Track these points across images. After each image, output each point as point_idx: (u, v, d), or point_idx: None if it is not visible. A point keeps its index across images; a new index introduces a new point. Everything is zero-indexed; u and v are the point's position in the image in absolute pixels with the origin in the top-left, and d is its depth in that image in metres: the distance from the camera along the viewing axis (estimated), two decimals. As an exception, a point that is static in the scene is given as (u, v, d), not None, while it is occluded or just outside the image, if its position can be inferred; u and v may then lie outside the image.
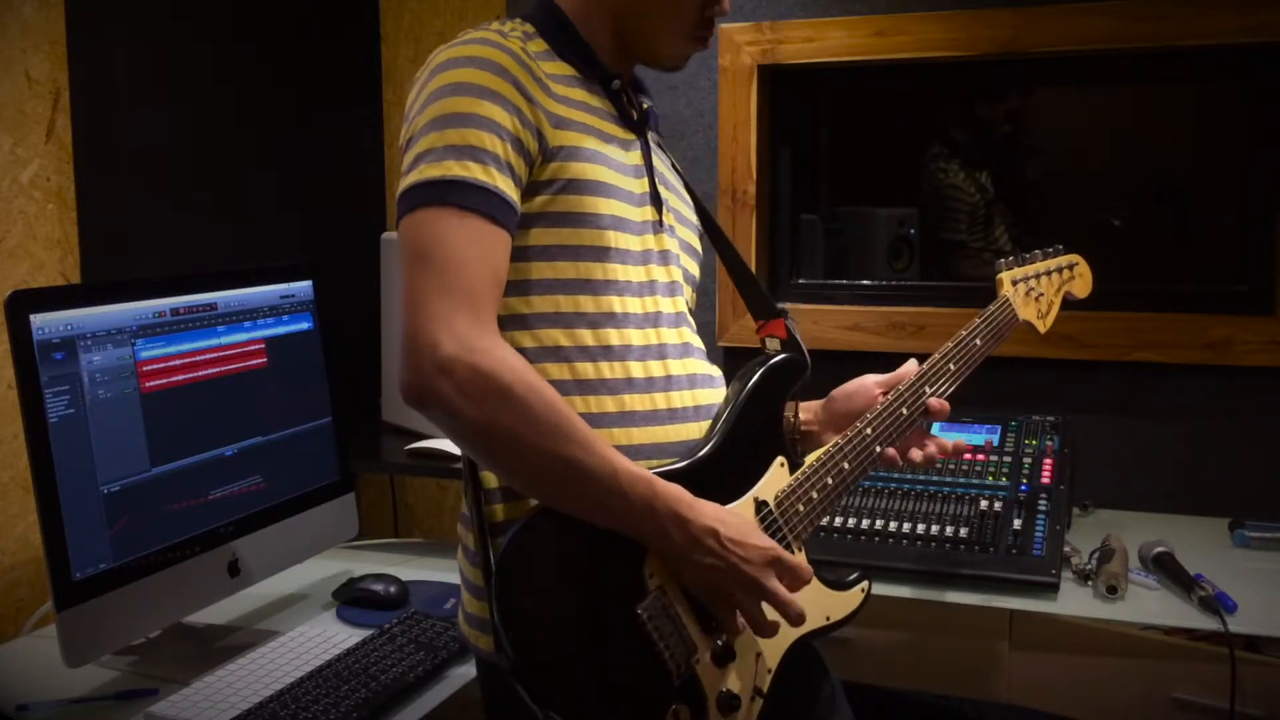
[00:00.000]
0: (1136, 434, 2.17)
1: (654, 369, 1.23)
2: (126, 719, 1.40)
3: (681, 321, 1.30)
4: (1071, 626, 1.64)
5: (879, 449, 1.33)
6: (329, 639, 1.59)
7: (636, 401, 1.21)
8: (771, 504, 1.25)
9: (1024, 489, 1.85)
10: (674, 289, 1.29)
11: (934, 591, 1.70)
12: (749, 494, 1.24)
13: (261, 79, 2.30)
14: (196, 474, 1.57)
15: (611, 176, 1.22)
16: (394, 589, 1.76)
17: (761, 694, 1.20)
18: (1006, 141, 2.56)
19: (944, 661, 1.73)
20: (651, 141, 1.33)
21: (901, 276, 2.57)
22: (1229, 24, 2.02)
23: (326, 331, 1.82)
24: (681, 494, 1.12)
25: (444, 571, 1.91)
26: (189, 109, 2.11)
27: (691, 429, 1.24)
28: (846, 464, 1.31)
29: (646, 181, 1.29)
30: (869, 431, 1.33)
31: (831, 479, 1.29)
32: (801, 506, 1.26)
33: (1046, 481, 1.87)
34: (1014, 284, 1.56)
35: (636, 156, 1.29)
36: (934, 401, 1.38)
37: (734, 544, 1.11)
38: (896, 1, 2.23)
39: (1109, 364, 2.17)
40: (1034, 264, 1.60)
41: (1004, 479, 1.89)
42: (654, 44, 1.30)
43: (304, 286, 1.79)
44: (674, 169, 1.40)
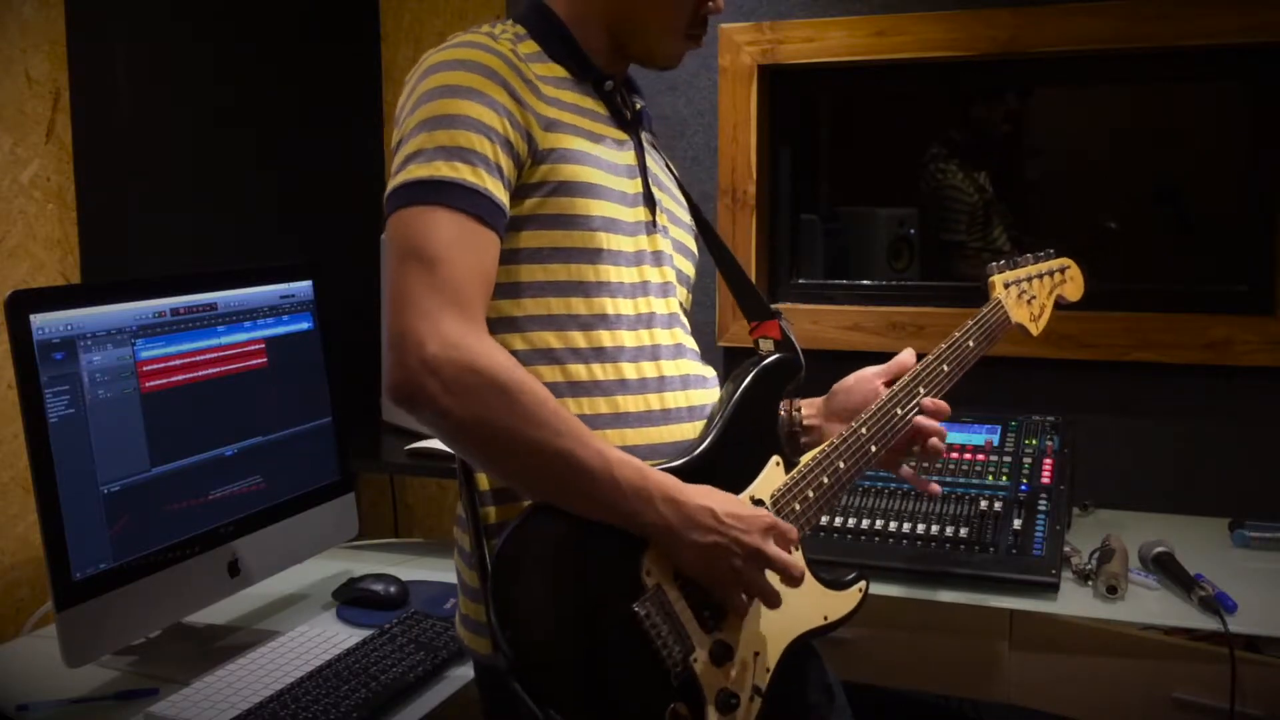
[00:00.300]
0: (1136, 434, 2.17)
1: (647, 370, 1.23)
2: (126, 719, 1.40)
3: (674, 322, 1.29)
4: (1071, 626, 1.64)
5: (874, 449, 1.34)
6: (329, 639, 1.59)
7: (630, 403, 1.21)
8: (768, 503, 1.25)
9: (1024, 489, 1.85)
10: (667, 290, 1.29)
11: (934, 591, 1.70)
12: (744, 493, 1.24)
13: (261, 79, 2.30)
14: (196, 474, 1.57)
15: (602, 178, 1.22)
16: (394, 589, 1.76)
17: (760, 693, 1.20)
18: (1005, 142, 2.56)
19: (944, 661, 1.73)
20: (645, 142, 1.33)
21: (901, 276, 2.57)
22: (1229, 24, 2.02)
23: (326, 331, 1.82)
24: (673, 479, 1.13)
25: (444, 571, 1.91)
26: (189, 109, 2.11)
27: (685, 429, 1.25)
28: (842, 463, 1.31)
29: (639, 182, 1.28)
30: (864, 431, 1.34)
31: (827, 478, 1.29)
32: (798, 505, 1.26)
33: (1046, 481, 1.87)
34: (1006, 286, 1.57)
35: (630, 157, 1.28)
36: (929, 401, 1.39)
37: (730, 516, 1.13)
38: (896, 1, 2.23)
39: (1109, 364, 2.17)
40: (1026, 267, 1.61)
41: (1004, 479, 1.89)
42: (648, 43, 1.30)
43: (304, 286, 1.79)
44: (668, 170, 1.40)
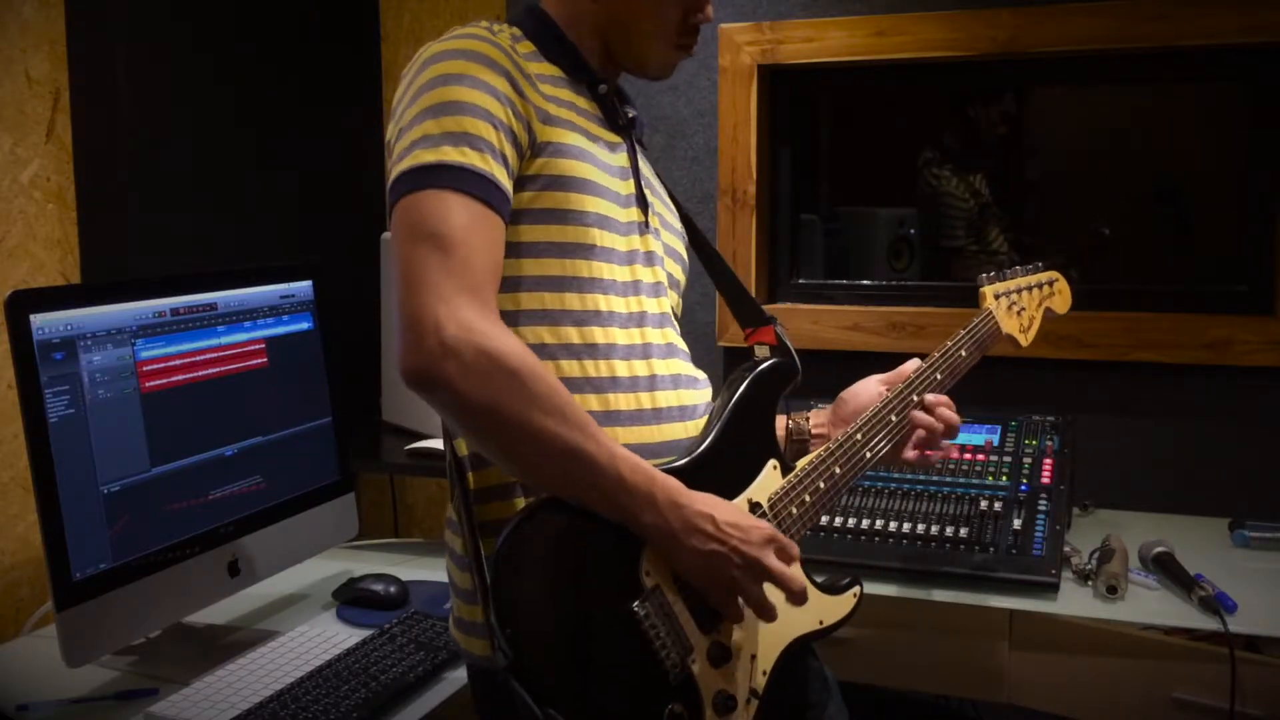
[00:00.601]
0: (1136, 434, 2.17)
1: (639, 368, 1.23)
2: (126, 719, 1.40)
3: (666, 322, 1.30)
4: (1071, 626, 1.64)
5: (869, 454, 1.35)
6: (329, 639, 1.59)
7: (622, 401, 1.21)
8: (765, 506, 1.25)
9: (1024, 489, 1.85)
10: (659, 290, 1.29)
11: (933, 591, 1.70)
12: (742, 496, 1.24)
13: (261, 79, 2.30)
14: (196, 474, 1.57)
15: (597, 175, 1.22)
16: (394, 589, 1.76)
17: (757, 695, 1.20)
18: (1001, 144, 2.56)
19: (944, 661, 1.73)
20: (638, 148, 1.34)
21: (901, 276, 2.57)
22: (1229, 24, 2.02)
23: (326, 331, 1.82)
24: (677, 483, 1.13)
25: (444, 571, 1.87)
26: (189, 109, 2.11)
27: (677, 429, 1.24)
28: (838, 468, 1.32)
29: (632, 183, 1.29)
30: (859, 437, 1.35)
31: (823, 483, 1.30)
32: (795, 509, 1.27)
33: (1046, 481, 1.87)
34: (996, 298, 1.59)
35: (623, 159, 1.29)
36: (930, 397, 1.40)
37: (731, 526, 1.12)
38: (896, 1, 2.23)
39: (1109, 364, 2.17)
40: (1015, 279, 1.64)
41: (1004, 479, 1.89)
42: (638, 53, 1.30)
43: (304, 286, 1.79)
44: (658, 179, 1.40)
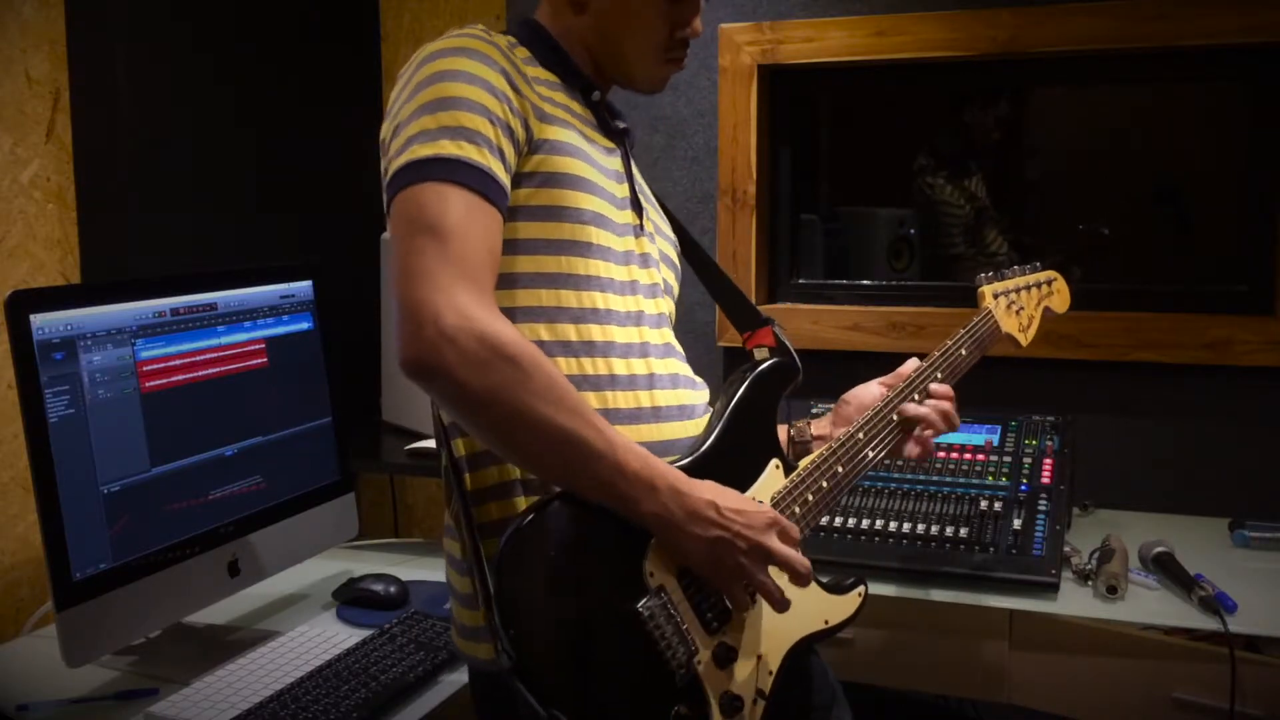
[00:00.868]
0: (1136, 434, 2.17)
1: (637, 367, 1.23)
2: (126, 719, 1.40)
3: (663, 323, 1.30)
4: (1071, 626, 1.64)
5: (871, 453, 1.35)
6: (329, 639, 1.59)
7: (620, 399, 1.21)
8: (768, 505, 1.24)
9: (1024, 489, 1.85)
10: (655, 291, 1.29)
11: (933, 591, 1.70)
12: (745, 495, 1.23)
13: (261, 79, 2.30)
14: (196, 474, 1.57)
15: (593, 173, 1.22)
16: (394, 589, 1.76)
17: (764, 696, 1.20)
18: (998, 147, 2.55)
19: (944, 661, 1.73)
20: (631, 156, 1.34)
21: (901, 276, 2.57)
22: (1229, 24, 2.02)
23: (326, 331, 1.82)
24: (678, 472, 1.13)
25: (444, 572, 1.90)
26: (189, 109, 2.11)
27: (676, 428, 1.25)
28: (840, 468, 1.32)
29: (627, 187, 1.29)
30: (861, 436, 1.35)
31: (826, 482, 1.30)
32: (797, 509, 1.27)
33: (1046, 481, 1.87)
34: (995, 297, 1.59)
35: (618, 163, 1.30)
36: (936, 387, 1.41)
37: (734, 512, 1.13)
38: (896, 1, 2.23)
39: (1109, 364, 2.17)
40: (1014, 279, 1.64)
41: (1004, 479, 1.89)
42: (626, 67, 1.31)
43: (304, 286, 1.79)
44: (651, 191, 1.41)
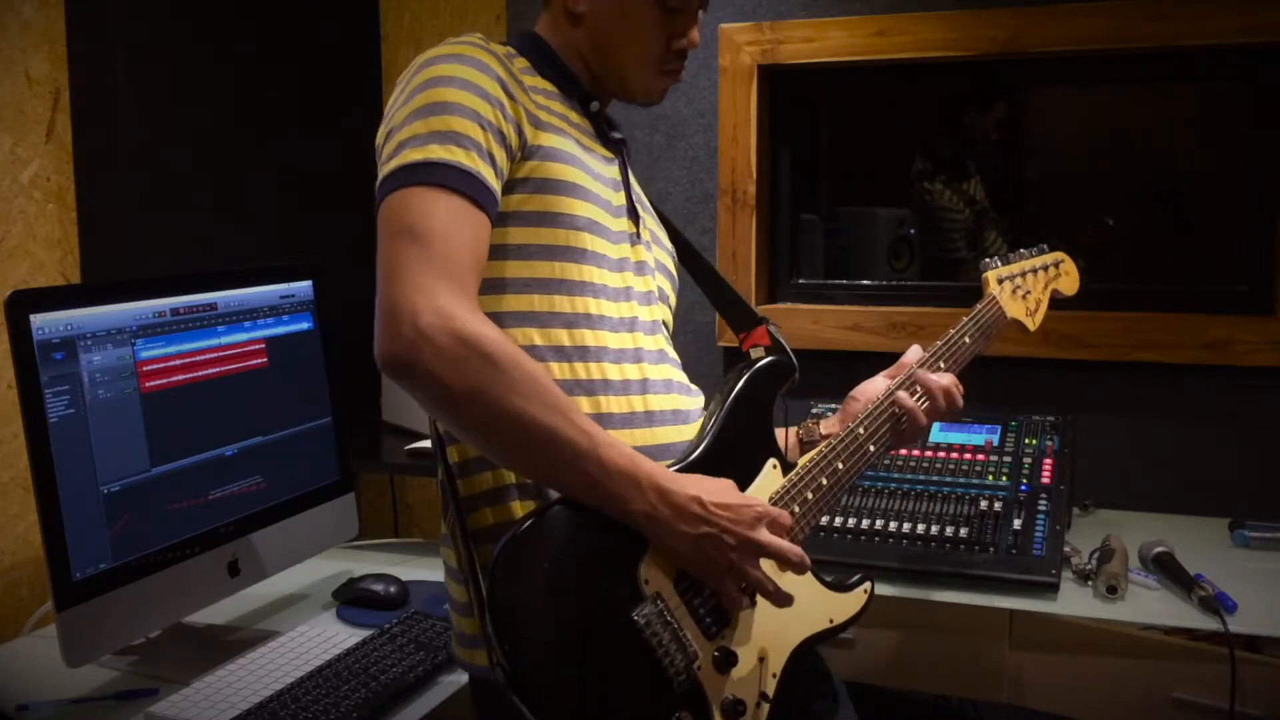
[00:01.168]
0: (1136, 434, 2.17)
1: (630, 372, 1.23)
2: (126, 719, 1.40)
3: (658, 329, 1.30)
4: (1071, 626, 1.64)
5: (873, 448, 1.33)
6: (329, 639, 1.59)
7: (613, 404, 1.20)
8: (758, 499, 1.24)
9: (1024, 489, 1.85)
10: (650, 298, 1.29)
11: (934, 591, 1.70)
12: (732, 486, 1.22)
13: (261, 79, 2.30)
14: (196, 474, 1.57)
15: (588, 181, 1.22)
16: (394, 589, 1.76)
17: (768, 699, 1.19)
18: (997, 148, 2.55)
19: (944, 661, 1.72)
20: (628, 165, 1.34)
21: (901, 276, 2.57)
22: (1229, 24, 2.02)
23: (326, 331, 1.82)
24: (663, 469, 1.12)
25: (444, 571, 1.90)
26: (189, 109, 2.11)
27: (670, 433, 1.24)
28: (840, 464, 1.30)
29: (624, 195, 1.29)
30: (861, 431, 1.33)
31: (826, 479, 1.28)
32: (796, 508, 1.25)
33: (1046, 481, 1.86)
34: (1000, 282, 1.55)
35: (615, 171, 1.30)
36: (931, 378, 1.37)
37: (720, 507, 1.11)
38: (896, 1, 2.23)
39: (1109, 364, 2.17)
40: (1019, 262, 1.59)
41: (1004, 479, 1.89)
42: (623, 79, 1.31)
43: (304, 286, 1.79)
44: (648, 200, 1.41)
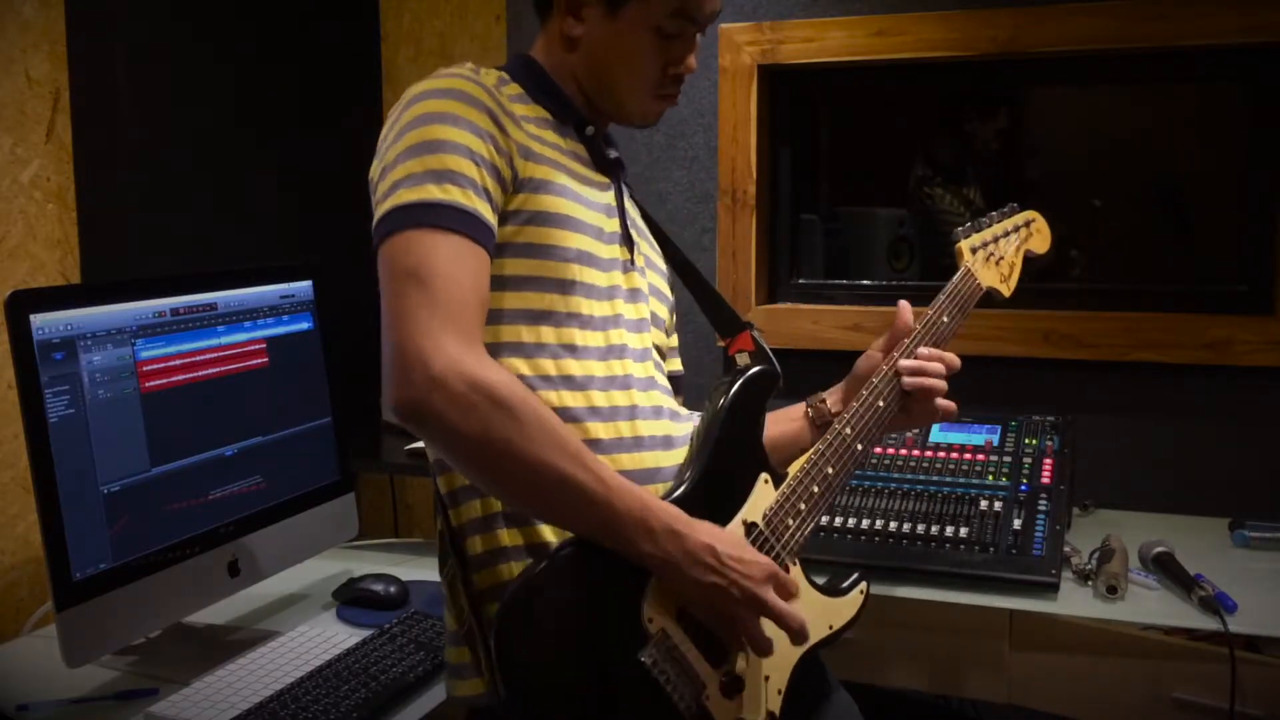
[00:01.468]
0: (1136, 434, 2.17)
1: (618, 399, 1.22)
2: (126, 719, 1.40)
3: (648, 357, 1.29)
4: (1071, 626, 1.64)
5: (861, 446, 1.31)
6: (329, 639, 1.59)
7: (601, 430, 1.20)
8: (761, 524, 1.22)
9: (1024, 489, 1.85)
10: (641, 325, 1.29)
11: (934, 591, 1.70)
12: (736, 518, 1.22)
13: (261, 79, 2.30)
14: (196, 474, 1.57)
15: (579, 211, 1.22)
16: (394, 589, 1.75)
17: (775, 716, 1.19)
18: (997, 152, 2.55)
19: (944, 661, 1.73)
20: (624, 188, 1.34)
21: (901, 276, 2.57)
22: (1229, 24, 2.02)
23: (326, 331, 1.82)
24: (678, 512, 1.12)
25: (444, 571, 1.90)
26: (189, 109, 2.11)
27: (658, 457, 1.24)
28: (830, 469, 1.29)
29: (618, 222, 1.29)
30: (848, 431, 1.31)
31: (818, 486, 1.27)
32: (791, 521, 1.24)
33: (1046, 481, 1.87)
34: (973, 251, 1.51)
35: (609, 197, 1.29)
36: (922, 350, 1.36)
37: (732, 559, 1.10)
38: (896, 1, 2.23)
39: (1109, 364, 2.17)
40: (992, 227, 1.55)
41: (1004, 479, 1.89)
42: (618, 103, 1.31)
43: (304, 286, 1.79)
44: (645, 218, 1.41)
